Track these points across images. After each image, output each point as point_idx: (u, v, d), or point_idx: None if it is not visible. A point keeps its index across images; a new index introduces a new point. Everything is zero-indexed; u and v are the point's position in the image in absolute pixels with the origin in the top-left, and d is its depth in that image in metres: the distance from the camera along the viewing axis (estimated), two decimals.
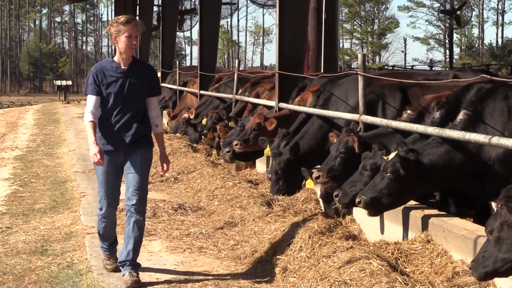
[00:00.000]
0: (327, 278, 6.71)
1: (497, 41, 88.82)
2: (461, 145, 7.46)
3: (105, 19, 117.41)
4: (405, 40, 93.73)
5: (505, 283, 6.14)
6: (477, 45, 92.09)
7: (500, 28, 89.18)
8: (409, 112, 8.82)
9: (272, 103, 13.89)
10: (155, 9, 39.84)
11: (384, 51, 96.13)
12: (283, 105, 13.23)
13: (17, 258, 8.26)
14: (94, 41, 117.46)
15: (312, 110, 11.20)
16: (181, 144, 16.87)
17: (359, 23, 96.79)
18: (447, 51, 73.19)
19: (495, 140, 6.70)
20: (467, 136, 7.11)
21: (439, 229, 7.31)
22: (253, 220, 9.25)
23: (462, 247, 6.82)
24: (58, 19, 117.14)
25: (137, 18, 7.46)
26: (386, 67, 55.28)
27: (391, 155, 7.51)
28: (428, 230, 7.50)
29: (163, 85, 26.13)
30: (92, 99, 7.17)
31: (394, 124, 8.83)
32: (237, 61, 18.65)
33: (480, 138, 6.92)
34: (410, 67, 47.99)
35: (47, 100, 61.51)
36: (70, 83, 61.20)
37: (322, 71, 18.62)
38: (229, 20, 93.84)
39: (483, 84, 7.76)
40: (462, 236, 6.86)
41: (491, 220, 5.67)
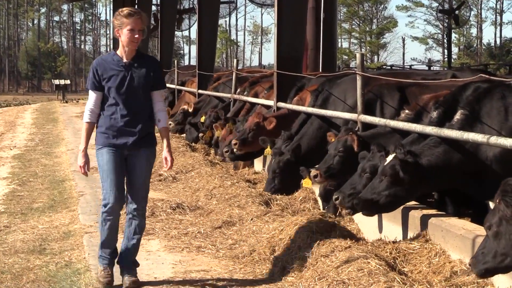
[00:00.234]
0: (325, 277, 6.71)
1: (496, 41, 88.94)
2: (459, 145, 7.46)
3: (103, 18, 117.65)
4: (403, 39, 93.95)
5: (503, 282, 6.14)
6: (475, 45, 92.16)
7: (498, 27, 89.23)
8: (407, 111, 8.82)
9: (270, 103, 13.89)
10: (153, 8, 39.82)
11: (382, 50, 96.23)
12: (282, 104, 13.23)
13: (15, 257, 8.25)
14: (92, 40, 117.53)
15: (310, 109, 11.21)
16: (179, 143, 16.88)
17: (358, 22, 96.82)
18: (446, 51, 73.29)
19: (494, 139, 6.69)
20: (465, 135, 7.11)
21: (437, 229, 7.32)
22: (251, 219, 9.25)
23: (460, 247, 6.82)
24: (56, 18, 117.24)
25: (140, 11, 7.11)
26: (384, 66, 55.28)
27: (389, 157, 7.50)
28: (426, 229, 7.50)
29: None
30: (92, 95, 7.01)
31: (392, 123, 8.83)
32: (235, 60, 18.64)
33: (478, 137, 6.92)
34: (408, 67, 48.04)
35: (45, 99, 61.47)
36: (68, 82, 61.17)
37: (320, 71, 18.62)
38: (227, 19, 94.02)
39: (480, 83, 7.76)
40: (460, 235, 6.86)
41: (489, 215, 5.66)
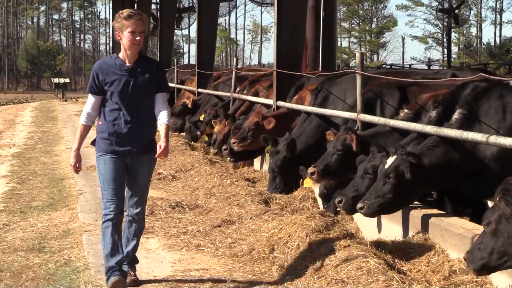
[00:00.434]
0: (324, 276, 6.73)
1: (495, 40, 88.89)
2: (458, 144, 7.46)
3: (102, 16, 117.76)
4: (403, 39, 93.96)
5: (502, 281, 6.15)
6: (475, 44, 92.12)
7: (498, 27, 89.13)
8: (406, 110, 8.83)
9: (270, 102, 13.89)
10: (153, 7, 39.81)
11: (382, 50, 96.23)
12: (281, 103, 13.23)
13: (14, 255, 8.26)
14: (92, 39, 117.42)
15: (310, 108, 11.21)
16: (178, 142, 16.89)
17: (357, 21, 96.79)
18: (445, 50, 73.28)
19: (493, 139, 6.70)
20: (464, 135, 7.11)
21: (436, 228, 7.32)
22: (251, 218, 9.26)
23: (459, 246, 6.82)
24: (56, 17, 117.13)
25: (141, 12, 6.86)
26: (384, 66, 55.27)
27: (391, 159, 7.46)
28: (425, 228, 7.50)
29: None
30: (91, 98, 6.81)
31: (392, 122, 8.84)
32: (235, 59, 18.64)
33: (478, 137, 6.93)
34: (408, 66, 48.04)
35: (45, 97, 61.45)
36: (67, 80, 61.13)
37: (320, 70, 18.62)
38: (227, 18, 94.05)
39: (478, 82, 7.78)
40: (459, 234, 6.87)
41: (489, 212, 5.66)
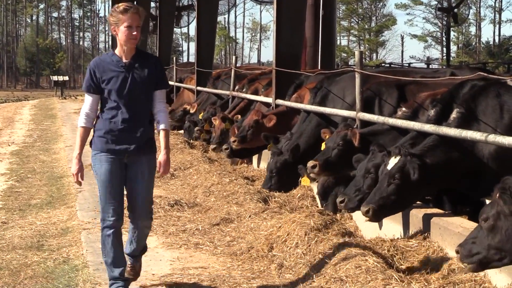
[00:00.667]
0: (323, 274, 6.73)
1: (494, 39, 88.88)
2: (457, 143, 7.46)
3: (102, 14, 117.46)
4: (402, 37, 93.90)
5: (500, 280, 6.15)
6: (474, 43, 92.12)
7: (497, 26, 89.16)
8: (404, 109, 8.83)
9: (269, 100, 13.89)
10: (152, 5, 39.79)
11: (381, 48, 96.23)
12: (280, 101, 13.23)
13: (13, 253, 8.26)
14: (91, 37, 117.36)
15: (309, 107, 11.21)
16: (177, 140, 16.88)
17: (357, 20, 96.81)
18: (444, 49, 73.29)
19: (492, 137, 6.70)
20: (463, 133, 7.11)
21: (435, 227, 7.33)
22: (250, 216, 9.26)
23: (457, 245, 6.81)
24: (55, 14, 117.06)
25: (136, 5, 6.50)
26: (383, 64, 55.30)
27: (393, 160, 7.42)
28: (424, 227, 7.51)
29: None
30: (88, 98, 6.48)
31: (391, 121, 8.83)
32: (234, 57, 18.64)
33: (476, 136, 6.93)
34: (407, 65, 48.05)
35: (44, 95, 61.46)
36: (67, 78, 61.20)
37: (319, 68, 18.62)
38: (226, 16, 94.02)
39: (476, 81, 7.79)
40: (458, 233, 6.87)
41: (487, 207, 5.62)
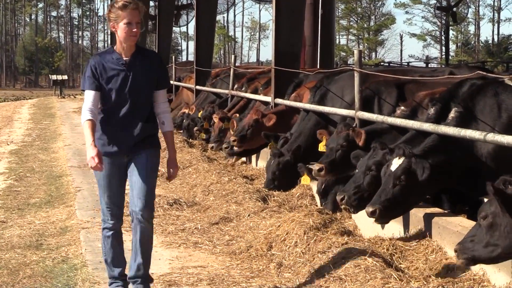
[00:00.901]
0: (322, 273, 6.73)
1: (493, 38, 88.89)
2: (457, 142, 7.46)
3: (101, 13, 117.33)
4: (401, 36, 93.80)
5: (499, 278, 6.16)
6: (473, 42, 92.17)
7: (496, 25, 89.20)
8: (402, 108, 8.84)
9: (268, 99, 13.90)
10: (151, 4, 39.80)
11: (380, 47, 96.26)
12: (279, 100, 13.24)
13: (12, 252, 8.26)
14: (90, 36, 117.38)
15: (308, 106, 11.22)
16: (176, 139, 16.87)
17: (356, 19, 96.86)
18: (443, 48, 73.31)
19: (490, 136, 6.71)
20: (462, 132, 7.12)
21: (434, 226, 7.33)
22: (249, 215, 9.27)
23: (456, 244, 6.82)
24: (54, 14, 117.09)
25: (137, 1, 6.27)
26: (382, 63, 55.28)
27: (396, 160, 7.39)
28: (423, 226, 7.51)
29: None
30: (90, 94, 6.18)
31: (390, 120, 8.84)
32: (233, 56, 18.67)
33: (475, 134, 6.94)
34: (406, 64, 48.05)
35: (43, 94, 61.45)
36: (65, 77, 61.30)
37: (318, 67, 18.65)
38: (225, 15, 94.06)
39: (474, 80, 7.80)
40: (457, 232, 6.87)
41: (486, 205, 5.64)
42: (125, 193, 6.47)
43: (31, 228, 9.44)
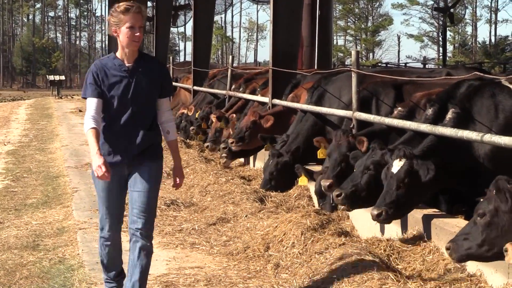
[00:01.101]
0: (319, 274, 6.72)
1: (490, 39, 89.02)
2: (455, 143, 7.46)
3: (98, 14, 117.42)
4: (398, 37, 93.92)
5: (497, 279, 6.16)
6: (470, 43, 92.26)
7: (493, 26, 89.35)
8: (399, 108, 8.84)
9: (265, 100, 13.90)
10: (149, 4, 39.79)
11: (377, 48, 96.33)
12: (277, 101, 13.24)
13: (8, 253, 8.25)
14: (87, 36, 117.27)
15: (305, 106, 11.23)
16: None
17: (353, 20, 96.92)
18: (441, 49, 73.36)
19: (487, 137, 6.72)
20: (459, 133, 7.13)
21: (431, 226, 7.33)
22: (246, 216, 9.26)
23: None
24: (51, 14, 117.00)
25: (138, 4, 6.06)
26: (379, 64, 55.33)
27: (399, 162, 7.36)
28: (420, 227, 7.51)
29: None
30: (92, 102, 5.96)
31: (387, 121, 8.84)
32: (230, 57, 18.69)
33: (472, 135, 6.95)
34: (403, 64, 48.08)
35: (40, 95, 61.38)
36: (63, 78, 61.24)
37: (315, 68, 18.65)
38: (223, 16, 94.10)
39: (472, 81, 7.83)
40: (454, 233, 6.84)
41: (483, 203, 5.63)
42: (124, 205, 6.26)
43: (28, 228, 9.43)
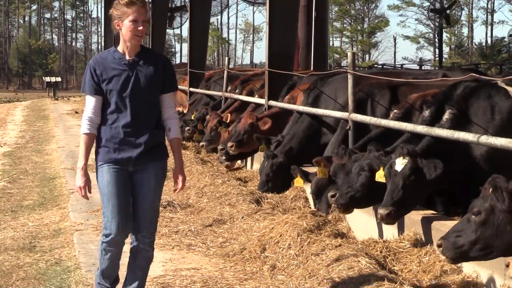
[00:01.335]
0: (315, 275, 6.74)
1: (487, 40, 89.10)
2: (452, 144, 7.47)
3: (94, 16, 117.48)
4: (394, 38, 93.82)
5: (492, 280, 6.18)
6: (466, 44, 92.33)
7: (489, 27, 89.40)
8: (395, 111, 8.86)
9: (261, 101, 13.91)
10: None
11: (374, 49, 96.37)
12: (273, 103, 13.25)
13: (5, 254, 8.25)
14: (83, 38, 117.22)
15: (302, 108, 11.24)
16: None
17: (349, 21, 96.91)
18: (437, 50, 73.44)
19: (484, 139, 6.74)
20: (455, 135, 7.15)
21: (427, 228, 7.35)
22: (242, 217, 9.27)
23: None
24: (47, 16, 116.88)
25: None
26: (375, 65, 55.40)
27: (402, 160, 7.37)
28: (416, 228, 7.52)
29: None
30: (90, 100, 5.80)
31: (383, 122, 8.86)
32: (227, 58, 18.72)
33: (468, 137, 6.96)
34: (399, 66, 48.14)
35: (36, 96, 61.32)
36: (59, 79, 61.13)
37: (312, 69, 18.67)
38: (219, 17, 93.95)
39: (468, 83, 7.85)
40: None
41: (478, 201, 5.60)
42: (131, 200, 5.93)
43: (25, 230, 9.43)
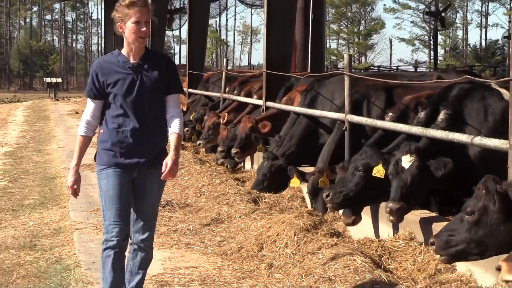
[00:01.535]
0: (312, 274, 6.78)
1: (481, 43, 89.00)
2: (449, 144, 7.53)
3: (95, 17, 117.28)
4: (390, 41, 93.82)
5: (487, 279, 6.23)
6: (461, 47, 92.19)
7: (483, 30, 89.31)
8: (390, 114, 8.94)
9: (259, 102, 13.97)
10: None
11: (370, 51, 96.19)
12: (271, 104, 13.32)
13: (5, 253, 8.31)
14: (84, 39, 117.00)
15: (299, 109, 11.32)
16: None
17: (346, 23, 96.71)
18: (432, 52, 73.36)
19: (477, 140, 6.80)
20: (450, 136, 7.21)
21: (422, 227, 7.39)
22: (240, 217, 9.31)
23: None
24: (48, 17, 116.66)
25: None
26: (371, 67, 55.38)
27: (408, 157, 7.38)
28: (411, 228, 7.57)
29: None
30: (90, 104, 5.72)
31: (379, 123, 8.93)
32: (225, 60, 18.78)
33: (463, 138, 7.03)
34: (395, 68, 48.16)
35: (37, 97, 61.22)
36: (60, 80, 60.99)
37: (308, 71, 18.75)
38: (217, 19, 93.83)
39: (463, 85, 7.95)
40: None
41: (471, 201, 5.62)
42: (131, 205, 5.84)
43: (25, 229, 9.48)
